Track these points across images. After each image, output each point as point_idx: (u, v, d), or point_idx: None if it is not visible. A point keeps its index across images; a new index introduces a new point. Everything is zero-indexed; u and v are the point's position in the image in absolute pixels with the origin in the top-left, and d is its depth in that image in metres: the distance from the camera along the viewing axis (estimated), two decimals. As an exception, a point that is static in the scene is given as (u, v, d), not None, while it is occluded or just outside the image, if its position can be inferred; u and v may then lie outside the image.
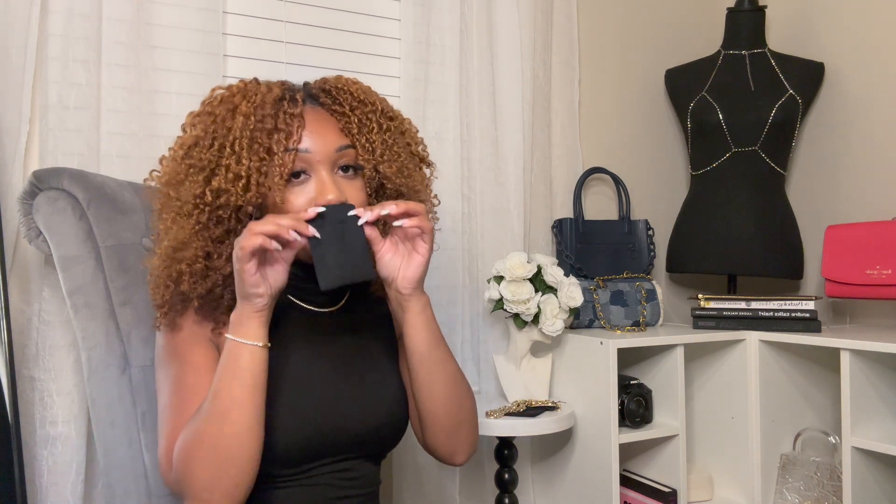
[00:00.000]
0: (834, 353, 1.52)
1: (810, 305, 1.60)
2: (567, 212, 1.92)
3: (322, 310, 1.08)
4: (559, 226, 1.86)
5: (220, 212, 0.97)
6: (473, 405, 1.11)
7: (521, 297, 1.55)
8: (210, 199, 0.95)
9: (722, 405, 1.73)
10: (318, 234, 0.91)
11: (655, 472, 1.67)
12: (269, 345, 0.92)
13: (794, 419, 1.70)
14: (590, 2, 2.03)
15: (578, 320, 1.74)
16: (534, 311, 1.58)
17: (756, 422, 1.65)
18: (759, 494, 1.66)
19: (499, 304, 1.60)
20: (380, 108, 1.07)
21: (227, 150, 0.96)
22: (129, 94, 1.40)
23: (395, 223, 0.96)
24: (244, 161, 0.95)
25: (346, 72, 1.66)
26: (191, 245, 0.96)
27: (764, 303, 1.65)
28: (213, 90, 1.02)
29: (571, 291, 1.59)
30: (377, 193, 1.08)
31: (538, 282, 1.60)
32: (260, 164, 0.96)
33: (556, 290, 1.60)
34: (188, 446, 0.89)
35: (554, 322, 1.58)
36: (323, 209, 0.93)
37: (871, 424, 1.46)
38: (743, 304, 1.68)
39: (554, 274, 1.60)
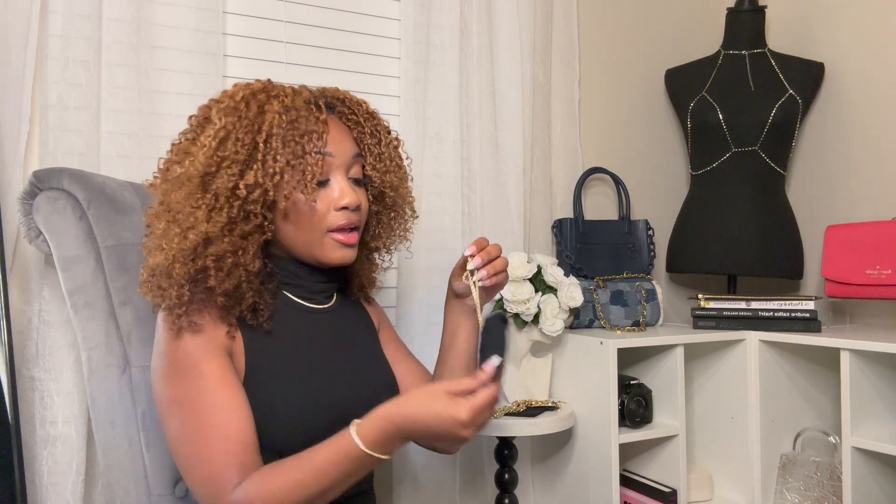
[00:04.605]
0: (834, 353, 1.52)
1: (810, 305, 1.60)
2: (567, 212, 1.92)
3: (319, 307, 1.12)
4: (559, 226, 1.86)
5: (252, 206, 0.98)
6: None
7: (521, 297, 1.55)
8: (244, 193, 0.96)
9: (722, 405, 1.73)
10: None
11: (655, 472, 1.67)
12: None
13: (794, 419, 1.70)
14: (590, 2, 2.03)
15: (578, 320, 1.74)
16: (534, 311, 1.57)
17: (756, 422, 1.65)
18: (759, 494, 1.66)
19: (499, 304, 1.60)
20: (382, 123, 1.14)
21: (262, 145, 0.97)
22: (129, 94, 1.40)
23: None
24: (279, 158, 0.97)
25: (346, 71, 1.68)
26: (220, 240, 0.96)
27: (764, 303, 1.65)
28: (235, 86, 1.03)
29: (571, 291, 1.59)
30: (376, 201, 1.15)
31: (538, 282, 1.60)
32: (295, 161, 0.99)
33: (556, 290, 1.60)
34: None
35: (554, 322, 1.57)
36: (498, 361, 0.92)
37: (871, 424, 1.46)
38: (743, 304, 1.68)
39: (554, 274, 1.59)
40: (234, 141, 0.97)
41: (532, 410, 1.54)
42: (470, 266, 1.07)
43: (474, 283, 1.07)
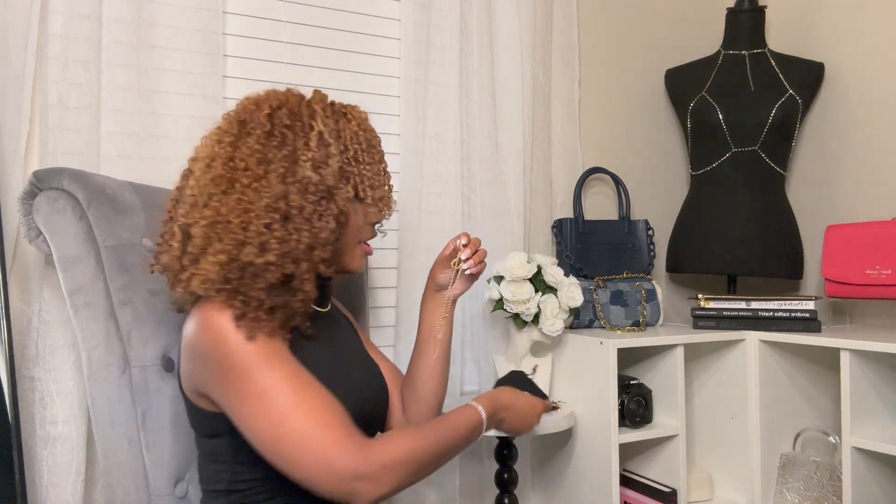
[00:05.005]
0: (834, 353, 1.52)
1: (810, 305, 1.60)
2: (567, 212, 1.92)
3: (323, 309, 1.16)
4: (559, 226, 1.86)
5: (354, 219, 1.05)
6: None
7: (521, 297, 1.55)
8: (357, 203, 1.05)
9: (722, 405, 1.73)
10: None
11: (655, 472, 1.67)
12: None
13: (794, 419, 1.70)
14: (590, 2, 2.03)
15: (578, 320, 1.74)
16: (534, 311, 1.57)
17: (756, 422, 1.65)
18: (759, 494, 1.66)
19: (499, 304, 1.60)
20: None
21: (353, 160, 1.04)
22: (129, 94, 1.40)
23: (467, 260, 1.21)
24: (370, 173, 1.05)
25: (346, 71, 1.68)
26: (329, 246, 1.00)
27: (764, 303, 1.65)
28: (298, 97, 1.06)
29: (571, 291, 1.59)
30: None
31: (538, 282, 1.60)
32: (376, 178, 1.07)
33: (556, 290, 1.60)
34: (405, 467, 0.93)
35: (554, 322, 1.57)
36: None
37: (871, 424, 1.46)
38: (743, 304, 1.68)
39: (554, 274, 1.59)
40: (342, 151, 1.03)
41: (532, 410, 1.54)
42: (463, 255, 1.19)
43: (463, 270, 1.21)
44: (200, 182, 0.99)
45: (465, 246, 1.20)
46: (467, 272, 1.21)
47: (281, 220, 0.95)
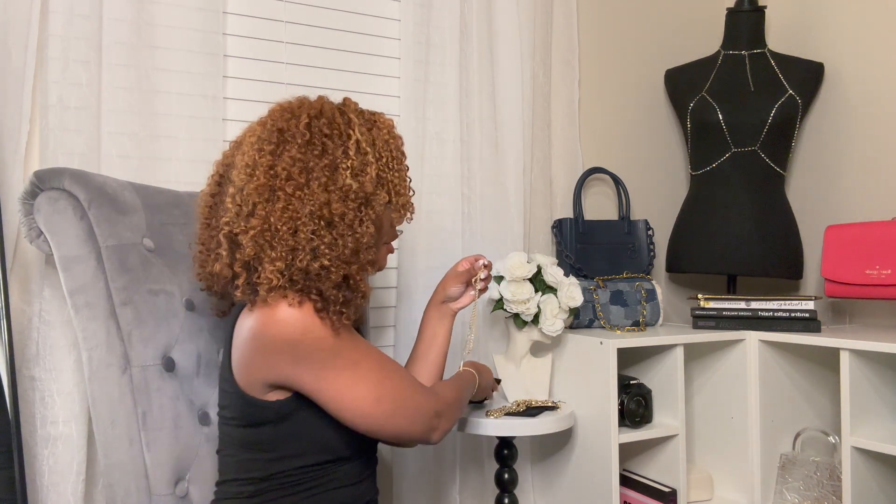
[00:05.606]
0: (834, 353, 1.53)
1: (810, 305, 1.60)
2: (567, 212, 1.92)
3: None
4: (559, 226, 1.86)
5: (385, 222, 1.13)
6: None
7: (521, 297, 1.55)
8: (391, 207, 1.12)
9: (722, 405, 1.74)
10: None
11: (655, 471, 1.67)
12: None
13: (794, 419, 1.70)
14: (590, 2, 2.03)
15: (578, 320, 1.74)
16: (534, 311, 1.57)
17: (756, 422, 1.66)
18: (758, 494, 1.66)
19: (499, 304, 1.60)
20: None
21: (390, 167, 1.10)
22: (130, 94, 1.40)
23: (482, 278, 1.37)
24: (397, 179, 1.12)
25: (346, 72, 1.68)
26: (371, 249, 1.06)
27: (764, 303, 1.66)
28: (331, 105, 1.09)
29: (571, 291, 1.59)
30: None
31: (538, 282, 1.60)
32: (405, 183, 1.15)
33: (556, 290, 1.60)
34: (455, 407, 1.18)
35: (554, 322, 1.57)
36: None
37: (871, 424, 1.46)
38: (743, 304, 1.68)
39: (554, 274, 1.59)
40: (377, 158, 1.08)
41: (532, 410, 1.54)
42: (482, 275, 1.36)
43: (479, 289, 1.38)
44: (244, 191, 1.01)
45: (485, 267, 1.36)
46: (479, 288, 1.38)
47: (325, 226, 1.00)
